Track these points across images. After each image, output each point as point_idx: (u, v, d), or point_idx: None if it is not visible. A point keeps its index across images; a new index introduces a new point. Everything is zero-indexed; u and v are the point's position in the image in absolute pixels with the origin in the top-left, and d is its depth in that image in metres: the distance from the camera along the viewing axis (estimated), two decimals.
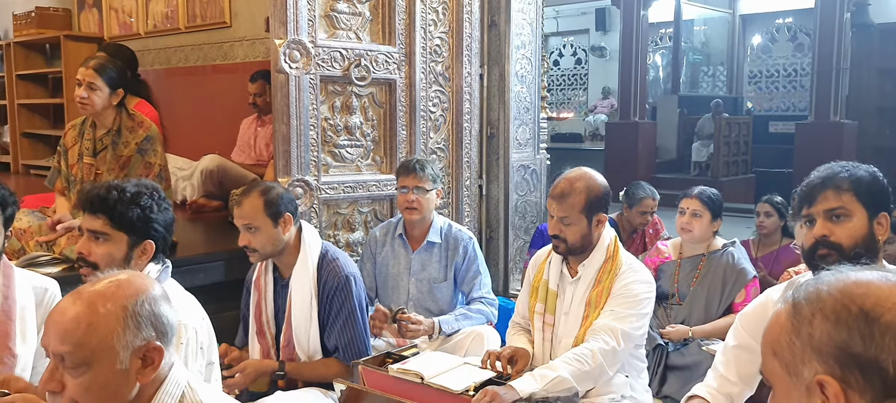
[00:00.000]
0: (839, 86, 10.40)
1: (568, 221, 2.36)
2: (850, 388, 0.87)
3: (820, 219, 1.78)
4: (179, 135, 5.28)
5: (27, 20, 6.64)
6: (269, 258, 2.65)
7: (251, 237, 2.55)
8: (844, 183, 1.77)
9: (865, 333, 0.87)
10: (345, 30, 3.51)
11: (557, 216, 2.37)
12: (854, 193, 1.76)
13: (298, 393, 2.55)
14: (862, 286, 0.91)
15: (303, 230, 2.67)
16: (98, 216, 1.99)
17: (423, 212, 3.10)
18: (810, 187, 1.82)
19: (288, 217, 2.57)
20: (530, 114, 4.29)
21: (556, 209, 2.37)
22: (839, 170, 1.80)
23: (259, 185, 2.64)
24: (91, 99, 3.19)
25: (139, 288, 1.35)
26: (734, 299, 3.32)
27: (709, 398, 1.90)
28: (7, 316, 2.12)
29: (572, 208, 2.35)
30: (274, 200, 2.55)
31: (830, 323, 0.90)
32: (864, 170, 1.81)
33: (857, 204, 1.76)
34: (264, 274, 2.72)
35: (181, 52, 5.57)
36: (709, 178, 10.74)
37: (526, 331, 2.59)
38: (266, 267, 2.72)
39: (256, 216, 2.53)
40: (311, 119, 3.39)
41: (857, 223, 1.75)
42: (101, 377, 1.30)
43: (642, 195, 4.19)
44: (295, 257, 2.63)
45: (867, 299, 0.89)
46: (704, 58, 15.45)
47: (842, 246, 1.74)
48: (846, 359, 0.88)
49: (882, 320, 0.86)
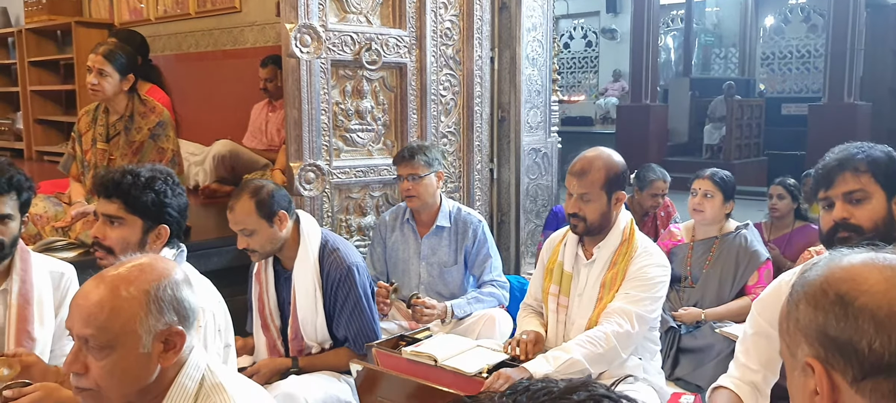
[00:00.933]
0: (853, 67, 10.29)
1: (588, 198, 2.34)
2: (832, 369, 0.91)
3: (839, 202, 1.77)
4: (191, 121, 5.30)
5: (38, 7, 6.65)
6: (270, 256, 2.64)
7: (248, 240, 2.52)
8: (862, 164, 1.75)
9: (840, 316, 0.90)
10: (355, 13, 3.51)
11: (577, 193, 2.35)
12: (872, 175, 1.74)
13: (312, 376, 2.56)
14: (844, 270, 0.94)
15: (301, 222, 2.63)
16: (113, 200, 2.01)
17: (424, 198, 3.09)
18: (827, 170, 1.80)
19: (282, 214, 2.53)
20: (541, 98, 4.28)
21: (575, 185, 2.35)
22: (856, 152, 1.78)
23: (248, 187, 2.57)
24: (101, 85, 3.20)
25: (161, 272, 1.37)
26: (747, 281, 3.31)
27: (733, 387, 1.90)
28: (25, 300, 2.15)
29: (592, 184, 2.34)
30: (265, 200, 2.49)
31: (812, 308, 0.93)
32: (881, 150, 1.79)
33: (876, 186, 1.74)
34: (265, 269, 2.70)
35: (192, 37, 5.57)
36: (721, 161, 10.68)
37: (538, 314, 2.59)
38: (266, 260, 2.70)
39: (250, 219, 2.49)
40: (322, 103, 3.39)
41: (876, 205, 1.74)
42: (124, 360, 1.32)
43: (653, 177, 4.18)
44: (295, 250, 2.60)
45: (844, 283, 0.92)
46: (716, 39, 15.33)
47: (862, 228, 1.72)
48: (826, 342, 0.91)
49: (856, 303, 0.89)
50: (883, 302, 0.88)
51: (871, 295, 0.89)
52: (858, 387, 0.88)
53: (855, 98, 10.41)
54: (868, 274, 0.92)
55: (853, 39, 10.21)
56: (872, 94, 10.64)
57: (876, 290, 0.89)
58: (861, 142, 1.85)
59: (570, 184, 2.38)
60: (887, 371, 0.86)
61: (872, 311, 0.88)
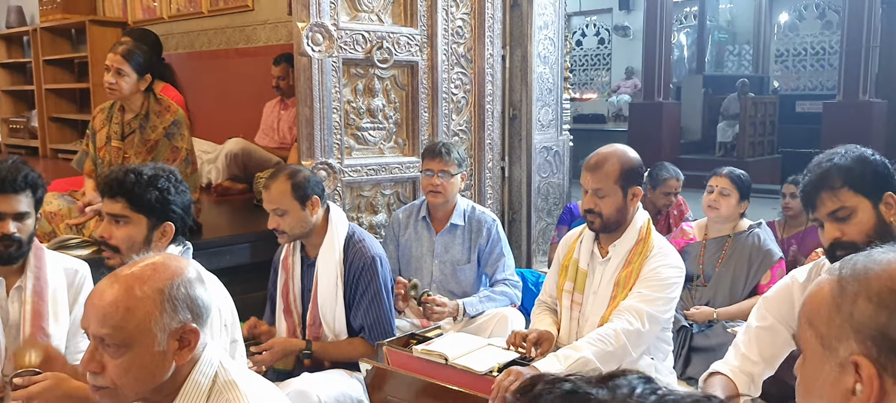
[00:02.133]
0: (869, 64, 10.19)
1: (602, 193, 2.33)
2: (885, 372, 0.86)
3: (827, 222, 1.72)
4: (204, 119, 5.33)
5: (53, 6, 6.71)
6: (297, 239, 2.69)
7: (280, 220, 2.59)
8: (836, 181, 1.69)
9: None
10: (367, 12, 3.51)
11: (592, 188, 2.34)
12: (849, 187, 1.69)
13: (325, 374, 2.58)
14: None
15: (330, 211, 2.70)
16: (117, 199, 2.03)
17: (448, 196, 3.11)
18: (806, 193, 1.75)
19: (315, 199, 2.61)
20: (553, 95, 4.27)
21: (590, 181, 2.34)
22: (828, 167, 1.71)
23: (286, 169, 2.68)
24: (119, 84, 3.23)
25: (175, 271, 1.38)
26: (760, 280, 3.29)
27: (730, 375, 1.89)
28: (40, 297, 2.18)
29: (607, 178, 2.33)
30: (301, 183, 2.58)
31: (873, 305, 0.89)
32: (852, 157, 1.72)
33: (857, 197, 1.69)
34: (292, 255, 2.76)
35: (204, 35, 5.60)
36: (734, 159, 10.61)
37: (551, 312, 2.59)
38: (293, 247, 2.76)
39: (284, 199, 2.57)
40: (333, 102, 3.40)
41: (862, 217, 1.69)
42: (140, 358, 1.33)
43: (666, 176, 4.16)
44: (322, 238, 2.67)
45: None
46: (730, 36, 15.22)
47: (856, 243, 1.67)
48: (885, 343, 0.87)
49: None
50: None
51: None
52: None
53: (870, 95, 10.30)
54: None
55: (869, 36, 10.10)
56: (888, 92, 10.51)
57: None
58: (832, 149, 1.78)
59: (584, 180, 2.37)
60: None
61: None
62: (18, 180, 2.10)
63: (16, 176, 2.10)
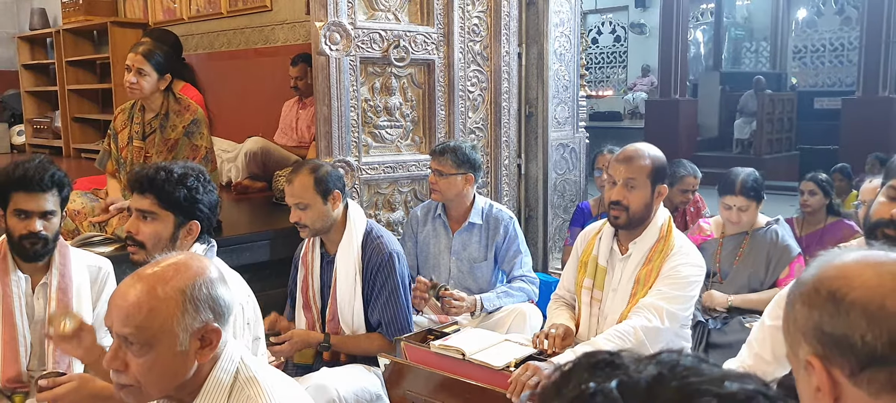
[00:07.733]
0: (889, 59, 10.07)
1: (634, 184, 2.34)
2: (831, 365, 0.94)
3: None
4: (223, 118, 5.38)
5: (75, 7, 6.80)
6: (318, 234, 2.73)
7: (302, 213, 2.63)
8: None
9: (833, 312, 0.94)
10: (383, 11, 3.54)
11: (624, 177, 2.34)
12: None
13: (343, 369, 2.61)
14: (836, 268, 0.97)
15: (349, 208, 2.74)
16: (146, 195, 2.05)
17: (444, 195, 3.13)
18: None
19: (337, 194, 2.65)
20: (569, 93, 4.28)
21: (622, 171, 2.35)
22: None
23: (309, 163, 2.72)
24: (140, 84, 3.27)
25: (196, 271, 1.39)
26: (779, 276, 3.27)
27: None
28: (65, 293, 2.23)
29: (640, 171, 2.34)
30: (323, 178, 2.63)
31: (806, 307, 0.98)
32: None
33: None
34: (311, 251, 2.80)
35: (224, 36, 5.65)
36: (751, 156, 10.54)
37: (569, 306, 2.60)
38: (313, 243, 2.79)
39: (306, 193, 2.62)
40: (351, 100, 3.43)
41: None
42: (162, 357, 1.35)
43: (683, 173, 4.15)
44: (341, 234, 2.70)
45: (835, 281, 0.95)
46: (747, 33, 15.10)
47: None
48: (823, 338, 0.95)
49: (847, 299, 0.93)
50: (874, 295, 0.92)
51: (862, 290, 0.93)
52: (856, 380, 0.92)
53: (890, 91, 10.18)
54: (859, 271, 0.95)
55: (888, 32, 9.99)
56: None
57: (867, 285, 0.93)
58: None
59: (615, 172, 2.37)
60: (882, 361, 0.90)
61: (864, 305, 0.91)
62: (45, 179, 2.15)
63: (43, 175, 2.15)
